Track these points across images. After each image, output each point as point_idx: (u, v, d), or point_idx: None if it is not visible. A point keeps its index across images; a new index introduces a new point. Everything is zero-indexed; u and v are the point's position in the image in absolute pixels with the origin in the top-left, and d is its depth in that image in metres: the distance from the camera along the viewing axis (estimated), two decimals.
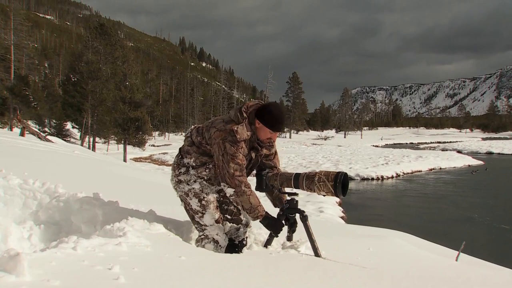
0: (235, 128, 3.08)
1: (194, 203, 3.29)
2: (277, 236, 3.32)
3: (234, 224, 3.39)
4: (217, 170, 3.19)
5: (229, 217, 3.40)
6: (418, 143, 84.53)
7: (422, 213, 16.77)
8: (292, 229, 3.36)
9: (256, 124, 3.20)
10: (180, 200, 3.45)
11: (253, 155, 3.29)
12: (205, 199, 3.27)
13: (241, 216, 3.40)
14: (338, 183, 3.08)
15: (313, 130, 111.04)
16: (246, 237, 3.41)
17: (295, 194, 3.40)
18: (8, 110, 37.76)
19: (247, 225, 3.42)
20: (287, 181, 3.31)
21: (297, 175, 3.27)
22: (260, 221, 3.22)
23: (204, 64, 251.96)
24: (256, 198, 3.16)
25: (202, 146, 3.28)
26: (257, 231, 3.62)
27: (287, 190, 3.46)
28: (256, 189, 3.43)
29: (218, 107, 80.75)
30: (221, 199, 3.38)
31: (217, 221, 3.27)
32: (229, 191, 3.13)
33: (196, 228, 3.40)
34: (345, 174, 3.14)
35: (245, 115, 3.16)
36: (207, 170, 3.30)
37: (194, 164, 3.32)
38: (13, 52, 41.93)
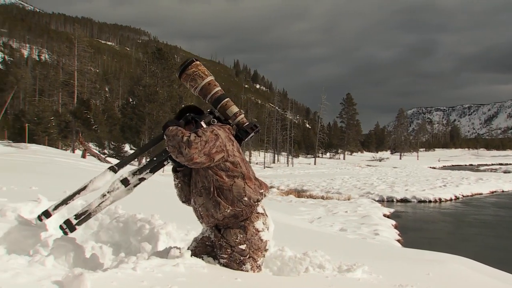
0: None
1: None
2: None
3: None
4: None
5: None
6: (478, 165, 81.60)
7: (483, 238, 16.06)
8: None
9: None
10: None
11: None
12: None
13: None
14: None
15: (368, 152, 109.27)
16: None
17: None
18: (71, 132, 39.48)
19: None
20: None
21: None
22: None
23: (258, 86, 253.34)
24: None
25: None
26: (312, 254, 3.58)
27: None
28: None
29: (271, 128, 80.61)
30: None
31: None
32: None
33: None
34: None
35: None
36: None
37: None
38: (76, 78, 43.96)
